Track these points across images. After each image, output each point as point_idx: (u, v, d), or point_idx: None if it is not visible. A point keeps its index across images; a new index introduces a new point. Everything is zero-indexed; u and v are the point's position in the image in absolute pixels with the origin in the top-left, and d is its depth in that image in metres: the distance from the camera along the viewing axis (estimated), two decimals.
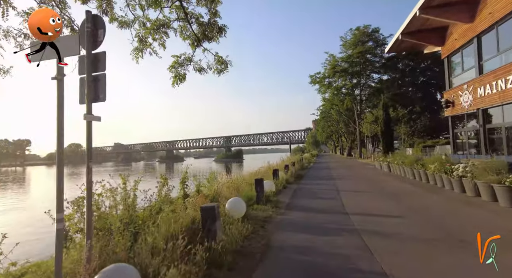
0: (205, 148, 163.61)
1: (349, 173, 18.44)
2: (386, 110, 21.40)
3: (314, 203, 8.27)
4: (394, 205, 7.56)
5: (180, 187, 7.76)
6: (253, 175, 12.70)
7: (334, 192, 10.31)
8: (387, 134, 21.07)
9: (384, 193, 9.57)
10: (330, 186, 11.98)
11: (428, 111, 30.55)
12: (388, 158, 17.38)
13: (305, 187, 12.21)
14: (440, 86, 34.71)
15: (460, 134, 16.98)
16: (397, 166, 14.81)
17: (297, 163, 21.96)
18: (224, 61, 6.19)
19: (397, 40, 18.63)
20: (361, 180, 13.77)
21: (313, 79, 39.22)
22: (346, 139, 55.18)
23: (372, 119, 26.01)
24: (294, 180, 14.49)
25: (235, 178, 11.62)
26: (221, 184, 10.42)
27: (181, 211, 4.74)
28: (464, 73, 15.70)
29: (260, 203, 7.95)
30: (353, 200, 8.48)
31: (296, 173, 16.90)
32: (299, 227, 5.77)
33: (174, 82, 5.94)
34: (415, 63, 33.87)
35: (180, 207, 4.90)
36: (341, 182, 13.37)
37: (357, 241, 4.61)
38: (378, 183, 12.24)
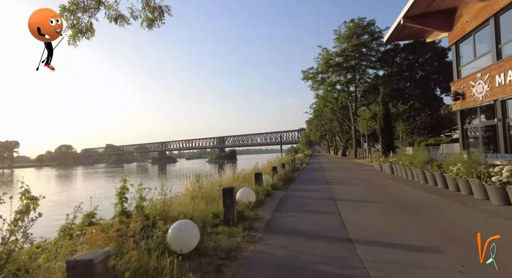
0: (198, 149, 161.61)
1: (346, 175, 16.32)
2: (385, 105, 19.36)
3: (304, 221, 6.07)
4: (418, 226, 5.38)
5: (118, 202, 5.61)
6: (232, 180, 10.50)
7: (330, 202, 8.15)
8: (387, 131, 19.03)
9: (396, 204, 7.41)
10: (325, 193, 9.81)
11: (428, 107, 28.68)
12: (390, 158, 15.31)
13: (295, 194, 10.02)
14: (440, 81, 33.02)
15: (471, 130, 15.01)
16: (403, 168, 12.73)
17: (287, 164, 19.82)
18: (157, 8, 3.94)
19: (398, 26, 16.60)
20: (362, 185, 11.64)
21: (305, 75, 37.04)
22: (341, 138, 53.26)
23: (370, 116, 23.99)
24: (283, 184, 12.32)
25: (210, 183, 9.43)
26: (185, 194, 8.23)
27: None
28: (476, 61, 13.73)
29: (230, 223, 5.74)
30: (357, 216, 6.31)
31: (286, 176, 14.73)
32: (277, 271, 3.59)
33: (73, 36, 3.65)
34: (413, 58, 32.01)
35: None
36: (338, 187, 11.22)
37: None
38: (384, 189, 10.11)
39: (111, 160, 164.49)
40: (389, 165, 14.87)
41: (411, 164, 11.42)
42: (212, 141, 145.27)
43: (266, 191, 9.39)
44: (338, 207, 7.25)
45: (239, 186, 9.30)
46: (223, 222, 5.80)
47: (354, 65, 34.34)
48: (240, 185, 9.40)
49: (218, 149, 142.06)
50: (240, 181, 10.38)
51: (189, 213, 5.59)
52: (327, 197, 9.02)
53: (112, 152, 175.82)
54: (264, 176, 11.58)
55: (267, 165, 17.06)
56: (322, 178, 15.18)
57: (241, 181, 10.31)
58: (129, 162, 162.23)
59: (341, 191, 10.06)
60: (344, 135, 50.81)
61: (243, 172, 13.15)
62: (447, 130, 27.35)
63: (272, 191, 10.19)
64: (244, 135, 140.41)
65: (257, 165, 15.24)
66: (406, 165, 12.04)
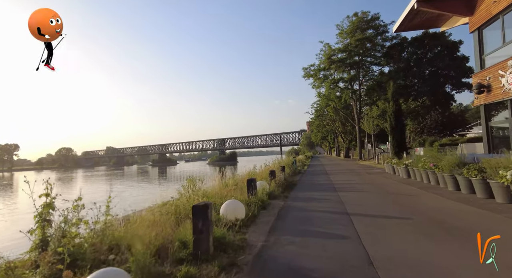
0: (198, 151, 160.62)
1: (354, 179, 14.45)
2: (396, 101, 17.47)
3: (310, 253, 4.21)
4: (490, 265, 3.52)
5: (37, 227, 3.93)
6: (220, 188, 8.67)
7: (342, 217, 6.29)
8: (398, 130, 17.14)
9: (436, 223, 5.54)
10: (334, 204, 7.95)
11: (438, 105, 26.76)
12: (405, 160, 13.42)
13: (296, 205, 8.15)
14: (451, 77, 31.08)
15: (497, 127, 13.14)
16: (423, 171, 10.85)
17: (288, 166, 17.96)
18: None
19: (410, 11, 14.78)
20: (377, 192, 9.76)
21: (306, 73, 35.02)
22: (343, 139, 51.33)
23: (378, 113, 22.09)
24: (282, 191, 10.47)
25: (191, 192, 7.61)
26: (152, 209, 6.38)
27: None
28: (505, 48, 11.88)
29: (201, 257, 3.89)
30: (386, 244, 4.44)
31: (286, 181, 12.89)
32: None
33: None
34: (422, 52, 30.08)
35: None
36: (349, 195, 9.36)
37: None
38: (407, 199, 8.25)
39: (111, 162, 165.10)
40: (404, 167, 12.99)
41: (436, 167, 9.54)
42: (213, 143, 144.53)
43: (260, 201, 7.54)
44: (355, 227, 5.39)
45: (227, 196, 7.47)
46: (191, 255, 3.96)
47: (358, 62, 32.47)
48: (229, 195, 7.57)
49: (219, 151, 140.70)
50: (230, 188, 8.53)
51: (139, 243, 3.74)
52: (337, 209, 7.16)
53: (113, 154, 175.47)
54: (260, 181, 9.77)
55: (264, 168, 15.23)
56: (327, 183, 13.32)
57: (231, 189, 8.46)
58: (130, 164, 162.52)
59: (353, 201, 8.19)
60: (347, 136, 48.92)
61: (236, 177, 11.32)
62: (460, 129, 25.41)
63: (268, 201, 8.35)
64: (244, 137, 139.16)
65: (255, 168, 13.37)
66: (428, 167, 10.16)
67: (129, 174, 69.52)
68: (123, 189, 29.88)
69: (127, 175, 65.13)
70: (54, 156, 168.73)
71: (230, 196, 7.49)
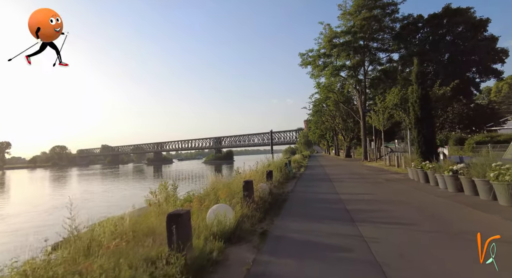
0: (195, 149, 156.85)
1: (375, 193, 9.78)
2: (422, 84, 13.00)
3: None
4: None
5: None
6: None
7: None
8: (426, 122, 12.67)
9: None
10: (362, 267, 3.48)
11: (461, 95, 22.30)
12: (451, 165, 8.94)
13: (278, 266, 3.65)
14: (476, 62, 26.57)
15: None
16: (499, 185, 6.40)
17: (278, 170, 13.54)
18: None
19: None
20: (439, 233, 5.30)
21: (304, 60, 30.24)
22: (344, 137, 46.81)
23: (395, 102, 17.57)
24: (260, 220, 6.03)
25: None
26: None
27: None
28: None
29: None
30: None
31: (271, 196, 8.43)
32: None
33: None
34: (440, 33, 25.56)
35: None
36: (385, 241, 4.89)
37: None
38: None
39: (106, 160, 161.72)
40: (451, 176, 8.53)
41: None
42: (209, 141, 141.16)
43: (211, 248, 3.07)
44: None
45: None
46: None
47: (363, 46, 28.00)
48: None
49: (215, 149, 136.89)
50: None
51: None
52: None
53: (108, 152, 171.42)
54: (218, 206, 5.33)
55: (244, 174, 10.74)
56: (333, 200, 8.78)
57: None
58: (125, 162, 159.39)
59: (406, 264, 3.72)
60: (348, 133, 44.41)
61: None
62: (491, 123, 20.96)
63: (225, 250, 3.90)
64: (241, 136, 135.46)
65: (218, 178, 8.88)
66: (501, 179, 5.75)
67: (123, 172, 67.65)
68: (106, 189, 28.39)
69: (121, 173, 62.67)
70: (48, 154, 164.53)
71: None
